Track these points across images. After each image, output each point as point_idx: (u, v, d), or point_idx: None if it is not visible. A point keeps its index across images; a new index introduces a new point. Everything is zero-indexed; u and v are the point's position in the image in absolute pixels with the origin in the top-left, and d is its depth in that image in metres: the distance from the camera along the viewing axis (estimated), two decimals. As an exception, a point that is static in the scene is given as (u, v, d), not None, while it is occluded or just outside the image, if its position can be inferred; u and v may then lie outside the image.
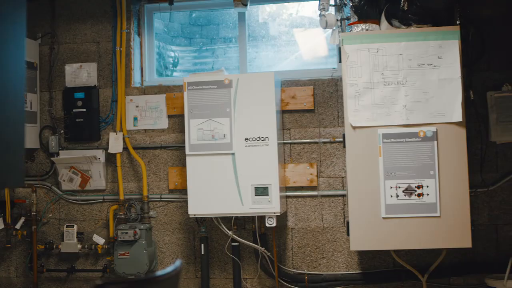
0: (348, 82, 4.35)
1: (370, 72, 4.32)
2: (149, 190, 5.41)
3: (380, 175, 4.29)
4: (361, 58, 4.33)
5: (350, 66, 4.34)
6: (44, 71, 5.60)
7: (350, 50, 4.34)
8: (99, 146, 5.49)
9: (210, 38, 6.32)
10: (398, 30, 4.35)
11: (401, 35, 4.29)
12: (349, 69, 4.34)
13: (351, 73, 4.34)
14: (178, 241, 5.37)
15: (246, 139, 4.80)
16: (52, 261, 5.55)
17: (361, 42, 4.33)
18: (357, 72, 4.33)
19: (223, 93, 4.84)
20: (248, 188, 4.79)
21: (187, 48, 6.45)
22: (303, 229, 5.19)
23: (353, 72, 4.34)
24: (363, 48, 4.33)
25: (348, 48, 4.35)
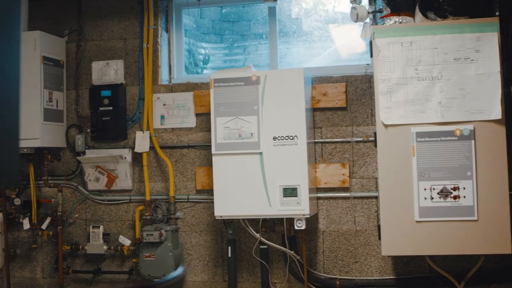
0: (380, 77, 4.12)
1: (403, 67, 4.08)
2: (176, 191, 5.26)
3: (413, 176, 4.06)
4: (394, 52, 4.10)
5: (381, 60, 4.12)
6: (71, 69, 5.50)
7: (382, 44, 4.12)
8: (126, 145, 5.36)
9: (242, 35, 6.15)
10: (433, 23, 4.11)
11: (435, 27, 4.05)
12: (380, 64, 4.12)
13: (382, 68, 4.11)
14: (205, 243, 5.21)
15: (274, 138, 4.61)
16: (78, 262, 5.45)
17: (393, 36, 4.11)
18: (389, 67, 4.10)
19: (251, 90, 4.66)
20: (276, 189, 4.60)
21: (218, 45, 6.30)
22: (335, 232, 4.98)
23: (385, 67, 4.11)
24: (396, 41, 4.10)
25: (380, 41, 4.13)
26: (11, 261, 5.55)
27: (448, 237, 4.01)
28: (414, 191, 4.05)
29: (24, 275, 5.55)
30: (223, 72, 4.82)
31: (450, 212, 4.00)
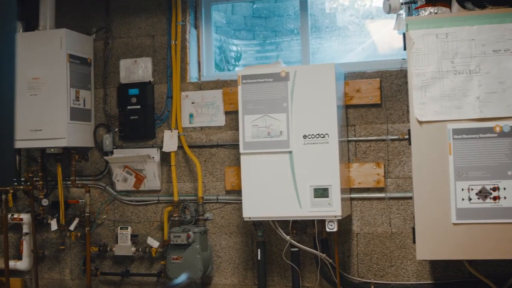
0: (414, 71, 3.89)
1: (438, 60, 3.85)
2: (205, 191, 5.12)
3: (450, 175, 3.81)
4: (428, 44, 3.87)
5: (415, 53, 3.89)
6: (99, 67, 5.41)
7: (416, 36, 3.89)
8: (154, 144, 5.24)
9: (274, 31, 5.97)
10: (470, 13, 3.86)
11: (473, 17, 3.80)
12: (414, 57, 3.89)
13: (416, 62, 3.89)
14: (235, 245, 5.05)
15: (305, 136, 4.42)
16: (107, 263, 5.34)
17: (427, 27, 3.87)
18: (424, 60, 3.87)
19: (280, 86, 4.48)
20: (307, 189, 4.40)
21: (250, 41, 6.14)
22: (369, 234, 4.76)
23: (419, 60, 3.88)
24: (430, 33, 3.86)
25: (414, 33, 3.90)
26: (40, 262, 5.48)
27: (487, 240, 3.75)
28: (451, 192, 3.81)
29: (52, 277, 5.47)
30: (251, 69, 4.65)
31: (489, 214, 3.75)
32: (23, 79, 5.05)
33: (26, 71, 5.06)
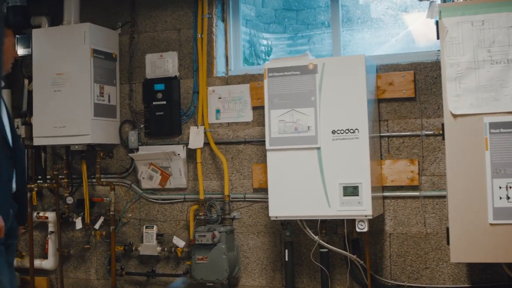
0: (448, 61, 3.65)
1: (474, 49, 3.60)
2: (232, 189, 4.95)
3: (486, 172, 3.56)
4: (463, 32, 3.62)
5: (449, 42, 3.65)
6: (125, 62, 5.28)
7: (450, 23, 3.65)
8: (180, 141, 5.09)
9: (306, 24, 5.78)
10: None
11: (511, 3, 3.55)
12: (448, 46, 3.65)
13: (450, 51, 3.65)
14: (263, 245, 4.87)
15: (333, 131, 4.21)
16: (132, 263, 5.21)
17: (462, 14, 3.63)
18: (458, 50, 3.63)
19: (307, 79, 4.28)
20: (336, 187, 4.20)
21: (281, 35, 5.95)
22: (403, 234, 4.52)
23: (453, 49, 3.64)
24: (465, 20, 3.62)
25: (447, 21, 3.66)
26: (65, 261, 5.38)
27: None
28: (488, 190, 3.56)
29: (78, 276, 5.37)
30: (278, 61, 4.46)
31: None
32: (47, 75, 4.98)
33: (50, 66, 4.98)
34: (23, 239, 5.43)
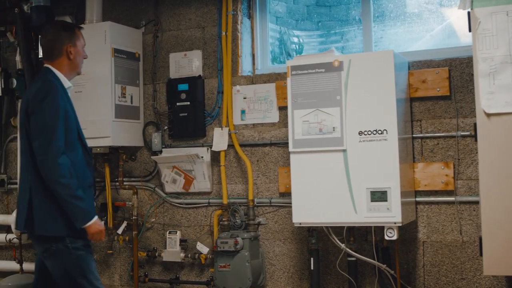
0: (480, 56, 3.36)
1: (509, 41, 3.29)
2: (258, 194, 4.72)
3: (523, 176, 3.26)
4: (497, 24, 3.32)
5: (482, 35, 3.35)
6: (148, 62, 5.12)
7: (482, 14, 3.35)
8: (204, 143, 4.89)
9: (339, 20, 5.52)
10: (547, -16, 3.29)
11: (550, -10, 3.23)
12: (481, 39, 3.35)
13: (483, 44, 3.35)
14: (289, 252, 4.63)
15: (360, 132, 3.95)
16: (156, 270, 5.04)
17: (496, 3, 3.32)
18: (492, 43, 3.33)
19: (333, 77, 4.03)
20: (363, 192, 3.93)
21: (313, 32, 5.70)
22: (437, 242, 4.22)
23: (486, 42, 3.34)
24: (500, 10, 3.31)
25: (480, 12, 3.36)
26: (89, 267, 5.24)
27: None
28: (525, 196, 3.25)
29: (102, 282, 5.17)
30: (301, 58, 4.22)
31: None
32: (69, 76, 4.84)
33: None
34: (46, 244, 5.32)
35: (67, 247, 3.38)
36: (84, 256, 3.45)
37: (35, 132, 3.37)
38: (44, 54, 3.67)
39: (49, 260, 3.44)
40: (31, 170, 3.41)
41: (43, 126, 3.36)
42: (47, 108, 3.38)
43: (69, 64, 3.62)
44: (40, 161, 3.34)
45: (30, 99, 3.45)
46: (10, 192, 5.61)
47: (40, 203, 3.39)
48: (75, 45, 3.64)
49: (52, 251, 3.39)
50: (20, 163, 3.59)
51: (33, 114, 3.39)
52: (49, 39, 3.63)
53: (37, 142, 3.35)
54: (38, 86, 3.48)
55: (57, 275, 3.46)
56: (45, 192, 3.36)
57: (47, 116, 3.37)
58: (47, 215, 3.38)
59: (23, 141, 3.49)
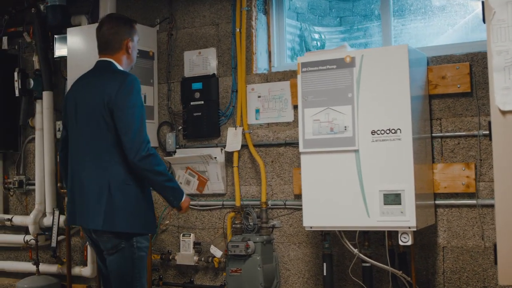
0: (494, 49, 3.11)
1: (526, 33, 3.06)
2: (273, 195, 4.56)
3: (540, 178, 3.01)
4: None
5: (497, 26, 3.11)
6: (163, 61, 5.01)
7: (497, 4, 3.11)
8: (219, 143, 4.75)
9: (363, 15, 5.32)
10: None
11: None
12: (495, 30, 3.11)
13: (498, 36, 3.10)
14: (304, 257, 4.45)
15: (373, 132, 3.75)
16: (171, 273, 4.93)
17: (512, -8, 3.09)
18: (507, 34, 3.08)
19: (344, 74, 3.84)
20: (376, 194, 3.73)
21: (335, 28, 5.51)
22: (458, 248, 3.99)
23: (501, 34, 3.10)
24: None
25: (495, 1, 3.12)
26: (104, 269, 5.16)
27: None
28: (541, 200, 3.01)
29: (117, 285, 5.13)
30: (313, 54, 4.04)
31: None
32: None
33: (84, 66, 4.70)
34: (64, 245, 5.27)
35: (132, 246, 3.43)
36: (144, 258, 3.52)
37: (127, 127, 3.36)
38: (101, 47, 3.68)
39: (114, 256, 3.45)
40: (108, 166, 3.39)
41: (134, 119, 3.39)
42: (135, 101, 3.43)
43: (127, 58, 3.65)
44: (135, 154, 3.34)
45: (109, 94, 3.40)
46: (29, 193, 5.58)
47: (122, 199, 3.38)
48: (133, 40, 3.67)
49: (120, 248, 3.41)
50: (81, 160, 3.53)
51: (122, 108, 3.37)
52: (109, 32, 3.64)
53: (130, 136, 3.35)
54: (118, 79, 3.46)
55: (116, 271, 3.48)
56: (127, 188, 3.38)
57: (136, 109, 3.41)
58: (128, 212, 3.39)
59: (95, 136, 3.46)
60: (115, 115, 3.37)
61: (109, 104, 3.40)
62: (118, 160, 3.39)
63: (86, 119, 3.55)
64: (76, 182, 3.57)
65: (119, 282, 3.57)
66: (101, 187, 3.44)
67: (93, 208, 3.44)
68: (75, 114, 3.62)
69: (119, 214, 3.37)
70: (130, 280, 3.52)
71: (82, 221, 3.55)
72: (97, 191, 3.45)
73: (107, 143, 3.43)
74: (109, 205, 3.37)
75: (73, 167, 3.61)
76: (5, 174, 5.68)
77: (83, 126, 3.57)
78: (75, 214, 3.58)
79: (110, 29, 3.69)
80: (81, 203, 3.56)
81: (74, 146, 3.61)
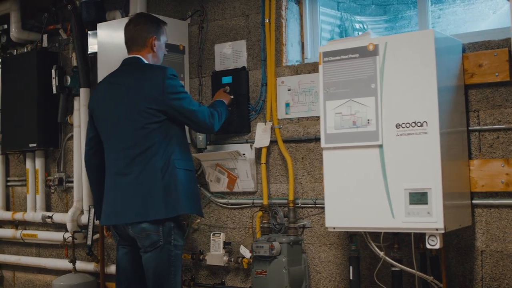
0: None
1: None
2: (303, 194, 4.32)
3: None
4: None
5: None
6: (194, 55, 4.86)
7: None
8: (249, 139, 4.56)
9: (405, 3, 4.99)
10: None
11: None
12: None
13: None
14: (336, 259, 4.20)
15: (398, 125, 3.45)
16: (203, 273, 4.78)
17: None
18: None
19: (367, 63, 3.56)
20: (401, 193, 3.43)
21: (379, 17, 5.20)
22: (498, 252, 3.63)
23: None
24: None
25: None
26: (138, 269, 5.08)
27: None
28: None
29: (151, 285, 5.04)
30: (335, 43, 3.77)
31: None
32: (110, 70, 4.67)
33: (113, 61, 4.62)
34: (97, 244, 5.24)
35: (170, 243, 3.64)
36: (180, 256, 3.74)
37: (189, 113, 3.77)
38: (128, 44, 3.90)
39: (151, 253, 3.62)
40: (149, 160, 3.65)
41: (191, 104, 3.79)
42: (182, 89, 3.79)
43: (153, 56, 3.86)
44: (210, 131, 4.13)
45: (149, 88, 3.67)
46: (68, 191, 5.57)
47: (182, 185, 3.68)
48: (159, 39, 3.87)
49: (159, 245, 3.61)
50: (121, 157, 3.74)
51: (178, 99, 3.72)
52: (135, 29, 3.85)
53: (194, 120, 3.84)
54: (155, 73, 3.73)
55: (153, 268, 3.64)
56: (169, 176, 3.65)
57: (186, 95, 3.81)
58: (192, 194, 3.78)
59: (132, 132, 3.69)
60: (169, 107, 3.66)
61: (154, 98, 3.64)
62: (158, 151, 3.63)
63: (125, 117, 3.71)
64: (117, 181, 3.71)
65: (155, 279, 3.67)
66: (143, 183, 3.64)
67: (138, 202, 3.65)
68: (109, 113, 3.77)
69: (183, 198, 3.66)
70: (166, 278, 3.66)
71: (123, 219, 3.70)
72: (139, 186, 3.64)
73: (148, 137, 3.65)
74: (167, 194, 3.61)
75: (112, 166, 3.76)
76: (46, 172, 5.69)
77: (122, 124, 3.72)
78: (112, 213, 3.74)
79: (136, 25, 3.86)
80: (120, 201, 3.70)
81: (113, 145, 3.78)
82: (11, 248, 6.07)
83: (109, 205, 3.79)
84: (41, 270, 5.75)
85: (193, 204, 3.80)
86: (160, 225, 3.64)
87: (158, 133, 3.68)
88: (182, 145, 3.83)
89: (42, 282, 5.77)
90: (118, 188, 3.74)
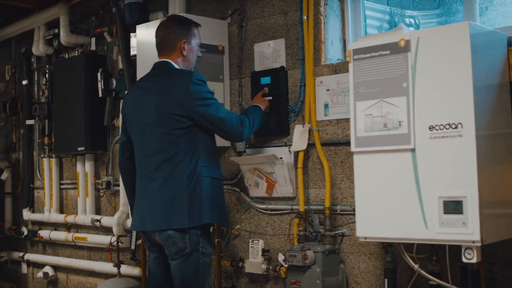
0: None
1: None
2: (343, 199, 4.08)
3: None
4: None
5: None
6: (234, 55, 4.70)
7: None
8: (288, 142, 4.36)
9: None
10: None
11: None
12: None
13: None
14: (375, 269, 3.94)
15: (431, 127, 3.17)
16: (243, 281, 4.62)
17: None
18: None
19: (398, 60, 3.29)
20: (434, 201, 3.14)
21: (432, 11, 4.87)
22: (548, 267, 3.29)
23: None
24: None
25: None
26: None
27: None
28: None
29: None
30: (366, 39, 3.51)
31: None
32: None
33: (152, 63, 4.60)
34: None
35: (198, 251, 3.57)
36: (209, 264, 3.66)
37: (216, 120, 3.67)
38: (158, 48, 3.81)
39: (178, 261, 3.57)
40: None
41: (218, 111, 3.70)
42: (209, 95, 3.71)
43: (183, 60, 3.75)
44: (238, 139, 4.06)
45: (177, 94, 3.59)
46: (117, 194, 5.54)
47: (207, 194, 3.59)
48: (189, 42, 3.74)
49: (185, 253, 3.54)
50: (151, 163, 3.68)
51: (203, 106, 3.63)
52: (163, 32, 3.76)
53: (223, 128, 3.72)
54: (181, 78, 3.64)
55: (180, 276, 3.59)
56: (196, 184, 3.57)
57: (214, 101, 3.72)
58: (217, 204, 3.67)
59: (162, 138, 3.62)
60: (194, 113, 3.57)
61: (180, 104, 3.55)
62: (185, 158, 3.55)
63: (153, 122, 3.64)
64: (145, 186, 3.66)
65: (182, 287, 3.60)
66: (168, 189, 3.57)
67: (162, 209, 3.58)
68: (138, 118, 3.72)
69: (211, 207, 3.58)
70: (194, 286, 3.59)
71: (149, 225, 3.65)
72: (164, 193, 3.57)
73: (174, 144, 3.57)
74: (192, 201, 3.52)
75: (141, 172, 3.72)
76: (95, 175, 5.69)
77: (150, 129, 3.65)
78: (141, 219, 3.69)
79: (165, 29, 3.77)
80: (147, 207, 3.66)
81: (142, 150, 3.72)
82: (65, 251, 6.13)
83: (138, 210, 3.77)
84: (91, 273, 5.76)
85: (217, 213, 3.67)
86: (187, 232, 3.56)
87: (184, 139, 3.60)
88: (210, 152, 3.72)
89: (92, 285, 5.78)
90: (146, 194, 3.70)
